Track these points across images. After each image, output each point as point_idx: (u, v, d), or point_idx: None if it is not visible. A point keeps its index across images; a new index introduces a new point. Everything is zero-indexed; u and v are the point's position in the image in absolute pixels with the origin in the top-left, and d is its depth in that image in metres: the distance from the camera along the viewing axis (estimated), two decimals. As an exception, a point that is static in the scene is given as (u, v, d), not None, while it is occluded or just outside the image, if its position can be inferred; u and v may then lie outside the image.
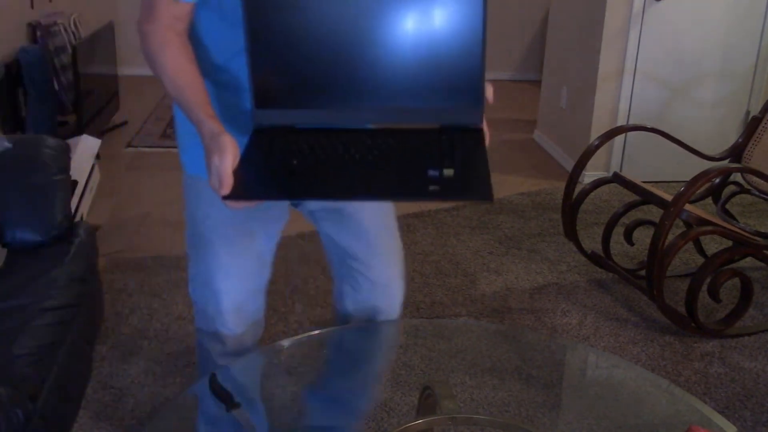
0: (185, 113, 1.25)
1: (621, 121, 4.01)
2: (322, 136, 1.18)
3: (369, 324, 1.58)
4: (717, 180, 3.13)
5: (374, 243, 1.56)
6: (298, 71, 1.18)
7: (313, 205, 1.53)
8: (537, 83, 6.12)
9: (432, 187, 1.04)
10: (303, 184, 1.09)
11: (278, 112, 1.20)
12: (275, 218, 1.54)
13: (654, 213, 3.51)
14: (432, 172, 1.07)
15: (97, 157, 3.73)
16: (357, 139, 1.18)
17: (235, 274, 1.50)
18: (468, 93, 1.18)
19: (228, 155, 1.13)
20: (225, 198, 1.11)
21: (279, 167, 1.13)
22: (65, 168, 2.26)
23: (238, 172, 1.12)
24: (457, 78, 1.17)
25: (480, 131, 1.20)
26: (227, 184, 1.11)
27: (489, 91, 1.23)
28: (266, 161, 1.15)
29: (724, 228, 2.51)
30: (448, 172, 1.08)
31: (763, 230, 3.13)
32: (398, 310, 1.64)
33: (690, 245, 3.20)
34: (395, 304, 1.63)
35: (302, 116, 1.20)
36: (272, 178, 1.12)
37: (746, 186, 3.13)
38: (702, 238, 3.22)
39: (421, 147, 1.15)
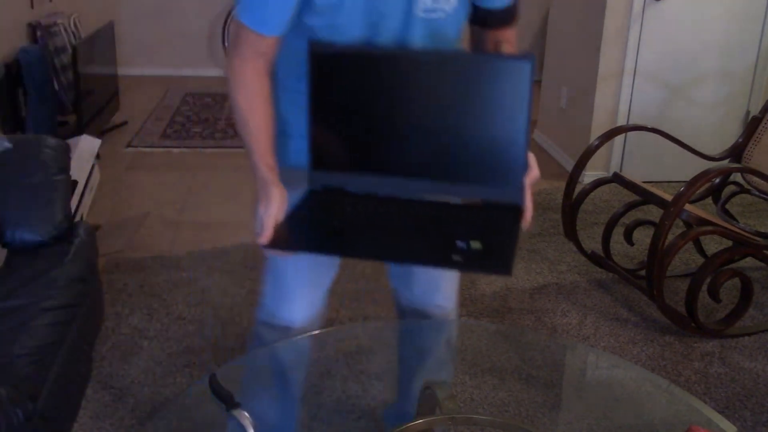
0: (246, 151, 1.32)
1: (621, 121, 4.01)
2: (367, 200, 1.26)
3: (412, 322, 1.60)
4: (717, 180, 3.13)
5: None
6: (354, 140, 1.25)
7: None
8: (537, 83, 6.11)
9: (456, 257, 1.11)
10: (338, 242, 1.18)
11: (331, 175, 1.27)
12: None
13: (654, 213, 3.51)
14: (460, 244, 1.13)
15: (97, 157, 3.73)
16: (399, 206, 1.25)
17: (307, 283, 1.53)
18: (510, 173, 1.23)
19: (273, 206, 1.23)
20: (263, 247, 1.21)
21: (320, 225, 1.22)
22: (65, 168, 2.26)
23: (282, 225, 1.21)
24: (501, 158, 1.23)
25: (518, 208, 1.24)
26: (267, 235, 1.22)
27: (533, 173, 1.26)
28: (310, 218, 1.23)
29: (724, 228, 2.51)
30: (476, 245, 1.14)
31: (763, 230, 3.13)
32: (449, 312, 1.69)
33: (690, 245, 3.20)
34: (446, 307, 1.68)
35: (353, 181, 1.27)
36: (311, 234, 1.22)
37: (746, 186, 3.13)
38: (702, 238, 3.22)
39: (458, 219, 1.23)
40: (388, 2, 1.27)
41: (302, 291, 1.53)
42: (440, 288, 1.66)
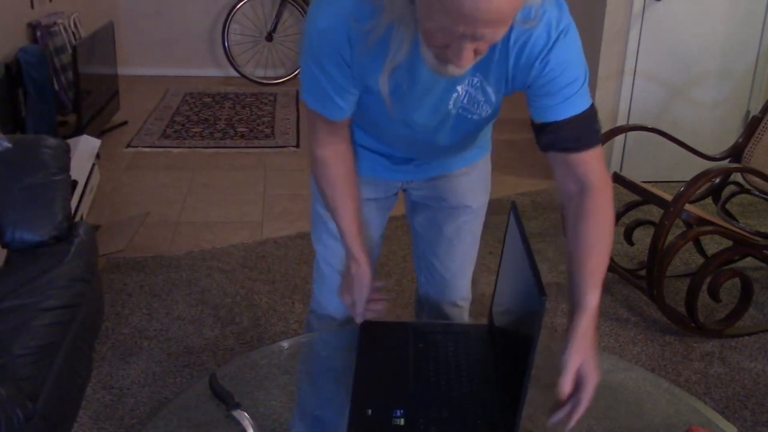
0: (339, 232, 1.47)
1: (621, 121, 4.01)
2: None
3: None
4: (717, 180, 3.13)
5: (456, 247, 1.71)
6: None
7: (416, 194, 1.66)
8: (537, 83, 6.11)
9: None
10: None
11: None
12: (386, 207, 1.69)
13: (654, 213, 3.51)
14: None
15: (97, 157, 3.73)
16: None
17: (330, 258, 1.63)
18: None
19: (365, 289, 1.44)
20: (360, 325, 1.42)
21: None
22: (65, 168, 2.26)
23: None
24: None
25: None
26: (361, 314, 1.43)
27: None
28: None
29: (724, 228, 2.51)
30: None
31: (763, 230, 3.13)
32: (462, 304, 1.79)
33: (690, 245, 3.20)
34: (460, 300, 1.78)
35: None
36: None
37: (746, 186, 3.13)
38: (702, 238, 3.22)
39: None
40: (422, 103, 1.29)
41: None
42: (457, 286, 1.76)
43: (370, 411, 1.22)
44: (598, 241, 1.26)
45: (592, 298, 1.23)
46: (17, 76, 3.85)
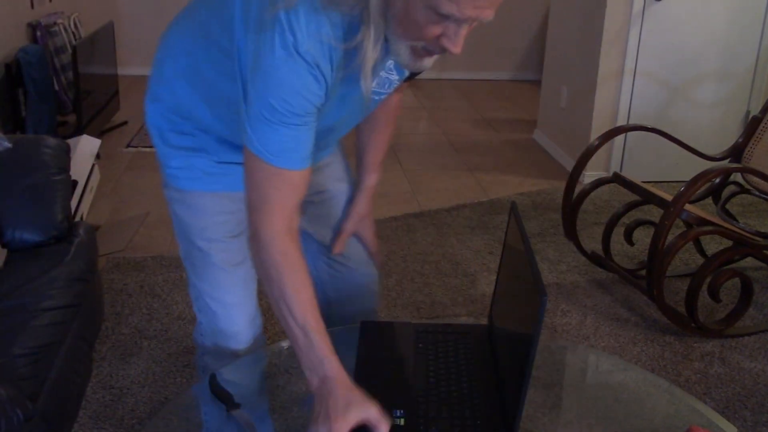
0: (299, 351, 1.14)
1: (621, 121, 4.01)
2: None
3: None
4: (717, 180, 3.13)
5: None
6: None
7: None
8: (537, 83, 6.12)
9: None
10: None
11: None
12: None
13: (654, 213, 3.51)
14: None
15: (97, 157, 3.73)
16: None
17: (241, 283, 1.49)
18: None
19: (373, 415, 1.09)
20: None
21: None
22: (65, 168, 2.26)
23: None
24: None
25: None
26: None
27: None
28: None
29: (724, 228, 2.51)
30: None
31: (763, 230, 3.13)
32: (376, 288, 1.71)
33: (690, 245, 3.20)
34: (372, 282, 1.69)
35: None
36: None
37: (746, 186, 3.13)
38: (702, 238, 3.22)
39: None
40: (354, 100, 1.25)
41: (243, 307, 1.50)
42: (363, 263, 1.67)
43: None
44: (386, 135, 1.48)
45: (374, 177, 1.46)
46: (17, 76, 3.85)
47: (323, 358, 1.12)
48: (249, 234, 1.19)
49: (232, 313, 1.48)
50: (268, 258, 1.16)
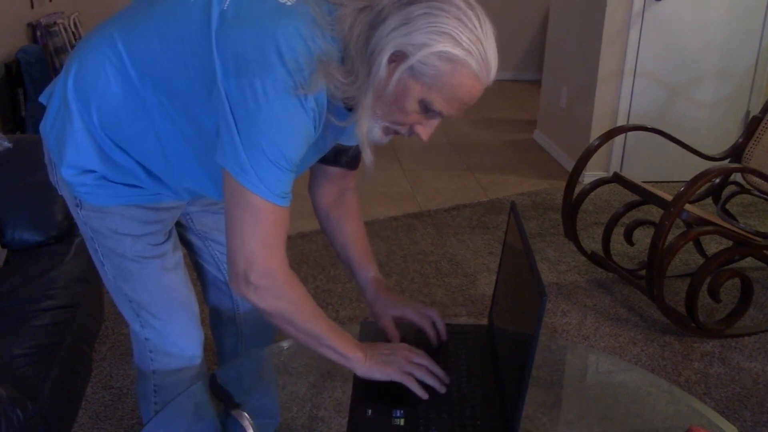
0: (325, 351, 1.24)
1: (621, 121, 4.01)
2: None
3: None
4: (717, 180, 3.13)
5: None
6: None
7: (191, 207, 1.51)
8: (537, 83, 6.12)
9: None
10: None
11: None
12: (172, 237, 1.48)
13: (654, 213, 3.51)
14: None
15: (97, 157, 3.72)
16: None
17: (184, 284, 1.48)
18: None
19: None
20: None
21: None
22: (65, 168, 2.25)
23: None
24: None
25: None
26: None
27: None
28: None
29: (724, 228, 2.51)
30: None
31: (763, 230, 3.13)
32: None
33: (690, 245, 3.20)
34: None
35: None
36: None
37: (746, 186, 3.13)
38: (702, 238, 3.22)
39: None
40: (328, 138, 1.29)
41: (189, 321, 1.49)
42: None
43: (370, 411, 1.22)
44: (362, 229, 1.53)
45: (373, 269, 1.49)
46: (17, 76, 3.85)
47: (348, 352, 1.25)
48: (254, 277, 1.19)
49: (181, 316, 1.47)
50: (292, 293, 1.23)
